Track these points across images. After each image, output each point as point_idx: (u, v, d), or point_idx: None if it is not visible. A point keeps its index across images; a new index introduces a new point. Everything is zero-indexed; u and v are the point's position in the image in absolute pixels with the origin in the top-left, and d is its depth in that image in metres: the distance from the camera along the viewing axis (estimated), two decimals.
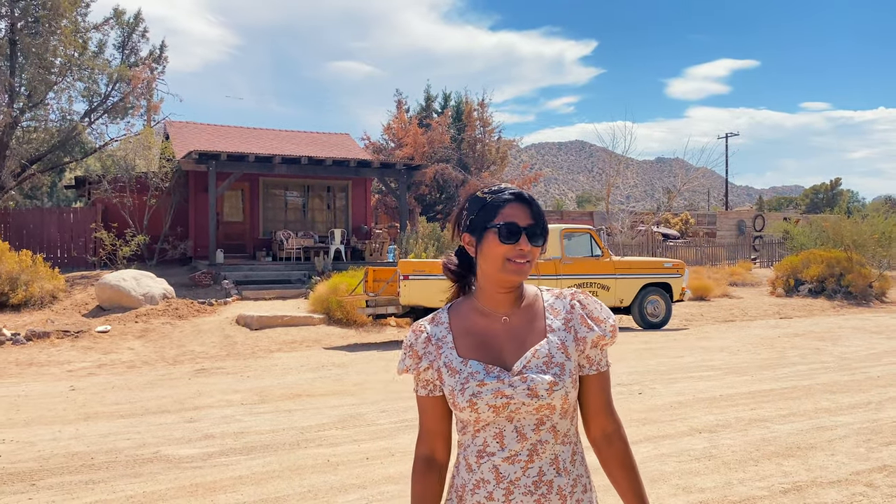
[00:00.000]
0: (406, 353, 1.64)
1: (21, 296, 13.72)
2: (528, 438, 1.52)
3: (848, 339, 11.91)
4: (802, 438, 5.63)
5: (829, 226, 22.11)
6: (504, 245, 1.54)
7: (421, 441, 1.65)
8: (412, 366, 1.63)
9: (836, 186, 76.31)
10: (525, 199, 1.59)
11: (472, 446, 1.56)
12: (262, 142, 23.07)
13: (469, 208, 1.62)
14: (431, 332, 1.63)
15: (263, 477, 4.89)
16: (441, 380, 1.59)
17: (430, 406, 1.63)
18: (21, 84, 18.86)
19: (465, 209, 1.64)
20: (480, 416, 1.53)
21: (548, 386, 1.51)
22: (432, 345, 1.62)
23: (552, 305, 1.63)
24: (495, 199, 1.59)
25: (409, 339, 1.65)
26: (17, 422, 6.75)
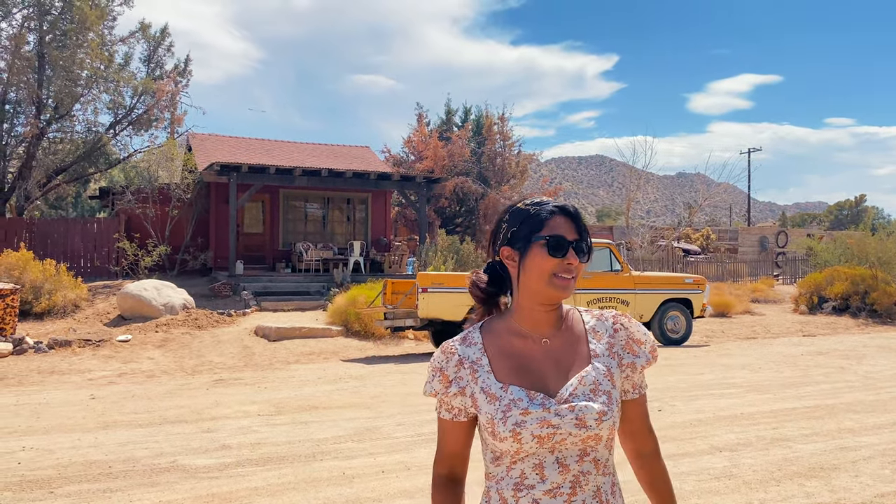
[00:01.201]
0: (434, 375, 1.52)
1: (44, 304, 13.89)
2: (570, 470, 1.44)
3: (873, 357, 11.71)
4: (825, 459, 5.52)
5: (854, 243, 21.82)
6: (552, 259, 1.47)
7: (440, 462, 1.56)
8: (441, 390, 1.51)
9: (860, 203, 75.40)
10: (570, 212, 1.52)
11: (507, 479, 1.46)
12: (283, 154, 23.27)
13: (510, 220, 1.53)
14: (463, 353, 1.51)
15: (279, 488, 4.88)
16: (476, 406, 1.48)
17: (453, 430, 1.53)
18: (48, 96, 19.21)
19: (504, 221, 1.54)
20: (522, 447, 1.43)
21: (597, 416, 1.43)
22: (465, 368, 1.50)
23: (594, 328, 1.56)
24: (540, 211, 1.51)
25: (439, 362, 1.52)
26: (37, 429, 6.80)
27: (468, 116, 32.66)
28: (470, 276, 1.60)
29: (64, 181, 21.31)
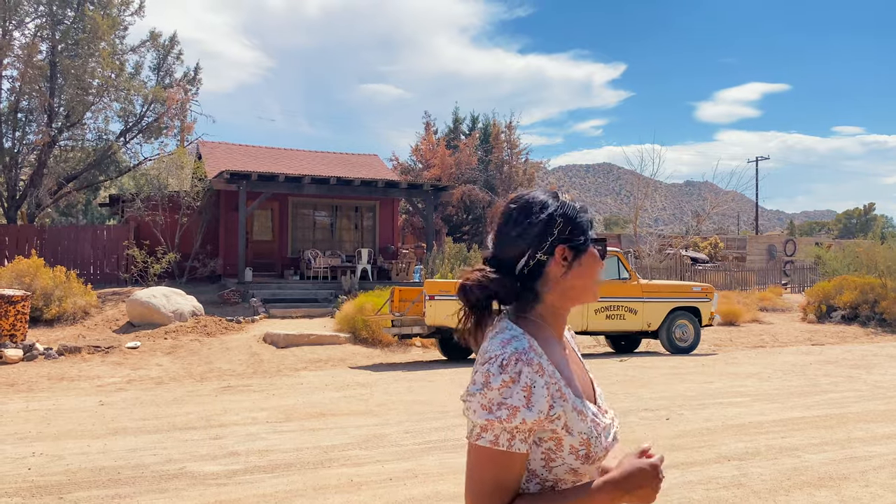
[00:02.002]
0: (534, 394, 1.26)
1: (54, 311, 13.98)
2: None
3: (883, 367, 11.64)
4: (835, 468, 5.50)
5: (863, 251, 21.73)
6: (601, 262, 1.43)
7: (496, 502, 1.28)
8: (546, 411, 1.27)
9: (869, 211, 75.10)
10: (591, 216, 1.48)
11: None
12: (292, 162, 23.38)
13: (564, 219, 1.38)
14: (548, 367, 1.30)
15: (287, 495, 4.90)
16: (567, 427, 1.30)
17: (522, 462, 1.28)
18: (60, 104, 19.38)
19: (558, 217, 1.38)
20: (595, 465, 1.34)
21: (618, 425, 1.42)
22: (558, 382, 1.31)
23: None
24: (586, 213, 1.44)
25: (530, 378, 1.26)
26: (47, 435, 6.85)
27: (476, 125, 32.75)
28: (470, 273, 1.39)
29: (75, 189, 21.47)
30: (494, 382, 1.25)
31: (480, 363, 1.30)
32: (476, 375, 1.29)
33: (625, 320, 13.30)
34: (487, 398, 1.25)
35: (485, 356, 1.30)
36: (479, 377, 1.28)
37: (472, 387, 1.28)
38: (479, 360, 1.31)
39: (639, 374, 10.76)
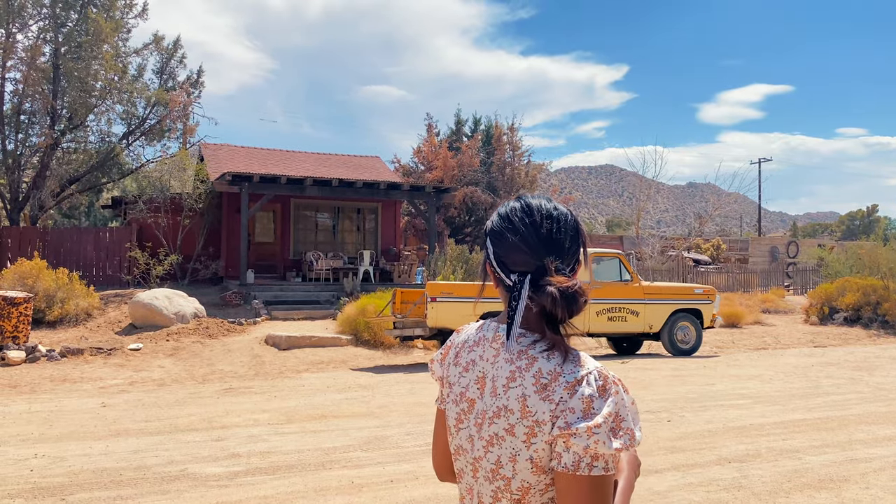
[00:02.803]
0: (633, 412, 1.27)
1: (57, 313, 14.01)
2: None
3: (885, 368, 11.63)
4: (836, 470, 5.50)
5: (865, 253, 21.71)
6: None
7: None
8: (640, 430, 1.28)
9: (872, 213, 75.04)
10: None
11: None
12: (294, 164, 23.41)
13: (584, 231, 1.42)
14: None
15: (288, 497, 4.91)
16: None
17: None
18: (63, 107, 19.43)
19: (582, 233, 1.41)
20: None
21: None
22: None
23: None
24: None
25: (624, 395, 1.26)
26: (49, 437, 6.87)
27: (478, 127, 32.76)
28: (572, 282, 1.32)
29: (77, 191, 21.53)
30: (606, 408, 1.22)
31: (563, 387, 1.24)
32: (567, 402, 1.23)
33: (626, 322, 13.30)
34: (608, 426, 1.21)
35: (561, 378, 1.25)
36: (576, 404, 1.22)
37: (571, 416, 1.22)
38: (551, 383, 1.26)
39: (640, 375, 10.76)
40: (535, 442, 1.25)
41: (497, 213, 1.42)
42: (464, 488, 1.40)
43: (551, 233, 1.34)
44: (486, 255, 1.41)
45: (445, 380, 1.45)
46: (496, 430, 1.30)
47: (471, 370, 1.38)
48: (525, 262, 1.33)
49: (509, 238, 1.35)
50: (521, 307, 1.29)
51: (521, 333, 1.32)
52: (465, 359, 1.41)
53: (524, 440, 1.26)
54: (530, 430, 1.25)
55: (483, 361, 1.37)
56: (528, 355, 1.29)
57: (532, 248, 1.33)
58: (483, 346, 1.38)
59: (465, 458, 1.37)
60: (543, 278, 1.29)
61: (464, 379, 1.39)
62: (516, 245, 1.34)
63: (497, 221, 1.40)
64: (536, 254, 1.32)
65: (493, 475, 1.30)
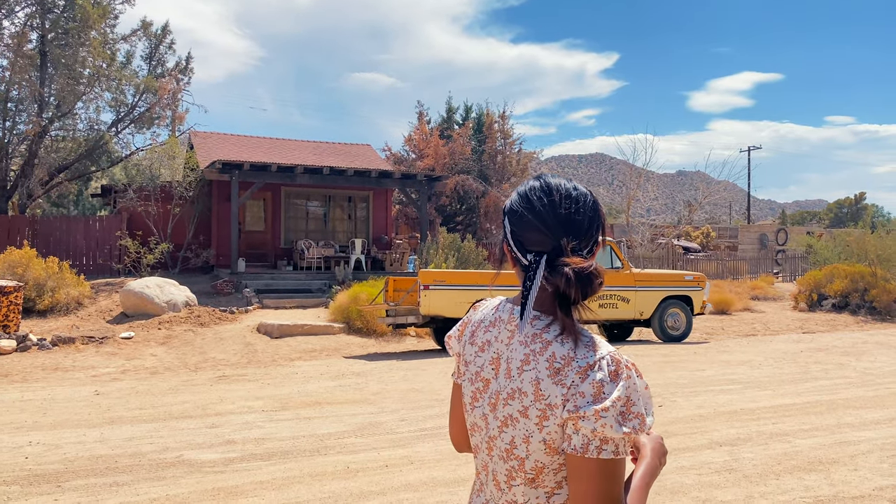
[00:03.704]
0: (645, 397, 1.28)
1: (47, 302, 13.95)
2: None
3: (872, 354, 11.76)
4: (825, 453, 5.58)
5: (853, 240, 21.88)
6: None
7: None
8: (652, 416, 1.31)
9: (860, 201, 75.46)
10: None
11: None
12: (285, 152, 23.32)
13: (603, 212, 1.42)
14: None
15: (284, 482, 4.94)
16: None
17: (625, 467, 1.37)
18: (50, 94, 19.25)
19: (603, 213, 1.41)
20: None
21: None
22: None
23: None
24: None
25: (637, 380, 1.27)
26: (43, 424, 6.86)
27: (469, 114, 32.68)
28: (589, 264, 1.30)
29: (66, 179, 21.37)
30: (616, 392, 1.22)
31: (575, 372, 1.25)
32: (579, 386, 1.24)
33: (617, 309, 13.38)
34: (617, 410, 1.21)
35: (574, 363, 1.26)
36: (587, 388, 1.23)
37: (581, 400, 1.23)
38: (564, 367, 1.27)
39: None
40: (548, 424, 1.27)
41: (516, 191, 1.42)
42: (479, 464, 1.43)
43: (570, 213, 1.34)
44: (504, 234, 1.41)
45: (462, 356, 1.47)
46: (510, 412, 1.31)
47: (486, 350, 1.39)
48: (542, 241, 1.33)
49: (527, 217, 1.35)
50: (536, 287, 1.29)
51: (536, 316, 1.33)
52: (480, 339, 1.42)
53: (537, 422, 1.28)
54: (543, 413, 1.27)
55: (498, 343, 1.38)
56: (542, 339, 1.30)
57: (550, 228, 1.33)
58: (499, 327, 1.39)
59: (480, 435, 1.40)
60: (559, 259, 1.29)
61: (479, 359, 1.40)
62: (534, 224, 1.34)
63: (516, 200, 1.39)
64: (554, 234, 1.32)
65: (508, 455, 1.33)
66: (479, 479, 1.44)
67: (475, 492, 1.46)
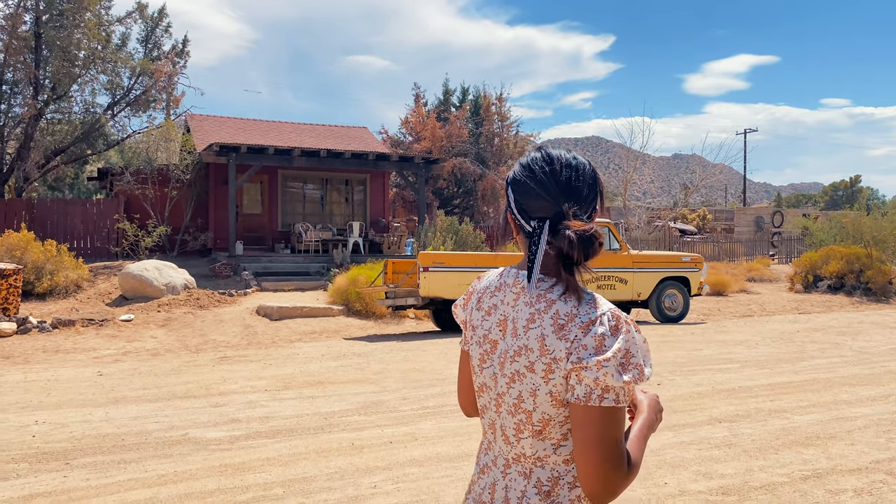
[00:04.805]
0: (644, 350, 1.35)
1: (46, 285, 13.96)
2: None
3: (867, 333, 11.87)
4: (822, 429, 5.67)
5: (849, 222, 21.97)
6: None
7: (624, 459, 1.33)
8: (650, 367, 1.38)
9: (855, 183, 75.65)
10: None
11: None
12: (281, 135, 23.25)
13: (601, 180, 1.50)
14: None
15: (290, 459, 5.00)
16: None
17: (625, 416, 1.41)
18: (45, 77, 19.13)
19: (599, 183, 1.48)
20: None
21: None
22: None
23: None
24: None
25: (636, 335, 1.35)
26: (48, 405, 6.91)
27: (466, 97, 32.60)
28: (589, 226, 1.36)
29: (62, 162, 21.29)
30: (616, 344, 1.30)
31: (578, 327, 1.32)
32: (581, 339, 1.31)
33: (615, 290, 13.45)
34: (617, 360, 1.29)
35: (577, 319, 1.33)
36: (590, 341, 1.30)
37: (582, 352, 1.30)
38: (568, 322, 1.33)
39: None
40: (553, 377, 1.34)
41: (518, 162, 1.48)
42: (486, 423, 1.50)
43: (570, 180, 1.41)
44: (508, 204, 1.48)
45: (469, 323, 1.53)
46: (517, 368, 1.38)
47: (493, 314, 1.46)
48: (544, 208, 1.39)
49: (530, 185, 1.41)
50: (541, 251, 1.36)
51: (540, 278, 1.39)
52: (486, 303, 1.49)
53: (543, 376, 1.35)
54: (548, 367, 1.34)
55: (504, 305, 1.44)
56: (547, 298, 1.37)
57: (551, 195, 1.39)
58: (504, 291, 1.46)
59: (488, 395, 1.46)
60: (562, 223, 1.36)
61: (486, 322, 1.47)
62: (536, 192, 1.40)
63: (518, 170, 1.45)
64: (556, 200, 1.39)
65: (516, 409, 1.40)
66: (487, 439, 1.51)
67: (483, 451, 1.53)
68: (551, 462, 1.39)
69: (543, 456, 1.39)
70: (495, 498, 1.44)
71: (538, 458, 1.39)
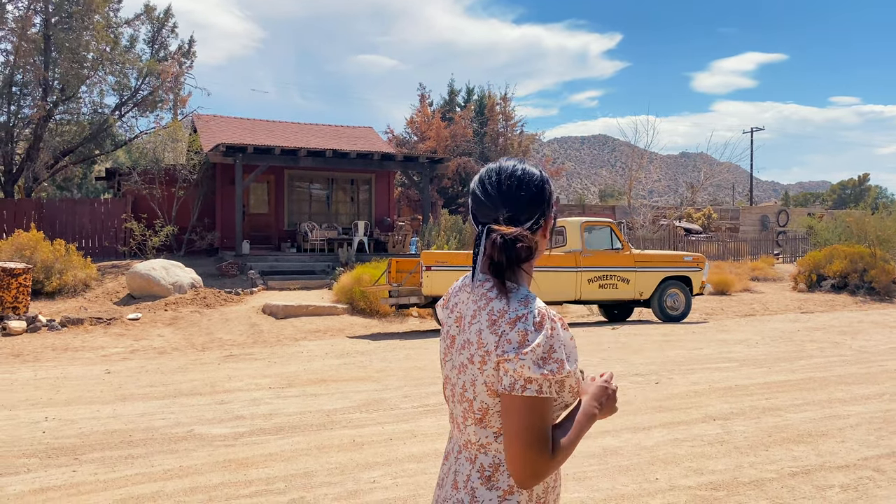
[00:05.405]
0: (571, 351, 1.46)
1: (55, 284, 14.16)
2: None
3: (868, 333, 11.94)
4: (814, 426, 5.77)
5: (853, 221, 21.97)
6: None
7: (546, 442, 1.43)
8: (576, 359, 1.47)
9: (864, 182, 75.36)
10: None
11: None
12: (287, 135, 23.42)
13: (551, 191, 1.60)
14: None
15: (293, 454, 5.14)
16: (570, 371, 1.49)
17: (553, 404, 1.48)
18: (54, 78, 19.35)
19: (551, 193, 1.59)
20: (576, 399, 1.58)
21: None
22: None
23: None
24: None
25: (561, 333, 1.45)
26: (57, 401, 7.08)
27: (471, 97, 32.71)
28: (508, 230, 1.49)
29: (71, 162, 21.52)
30: (537, 339, 1.41)
31: (506, 322, 1.44)
32: (508, 334, 1.43)
33: (617, 289, 13.55)
34: (536, 354, 1.40)
35: (507, 315, 1.44)
36: (514, 335, 1.42)
37: (506, 345, 1.42)
38: (500, 318, 1.45)
39: (630, 341, 11.03)
40: (486, 368, 1.47)
41: (477, 174, 1.65)
42: (449, 414, 1.65)
43: (510, 189, 1.54)
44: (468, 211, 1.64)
45: (443, 322, 1.69)
46: (462, 360, 1.53)
47: (454, 311, 1.62)
48: (487, 215, 1.54)
49: (478, 194, 1.57)
50: (480, 253, 1.53)
51: (487, 278, 1.53)
52: (451, 302, 1.65)
53: (479, 367, 1.48)
54: (483, 359, 1.47)
55: (462, 304, 1.59)
56: (487, 296, 1.51)
57: (493, 203, 1.54)
58: (463, 290, 1.61)
59: (449, 386, 1.61)
60: (492, 227, 1.50)
61: (450, 319, 1.62)
62: (482, 200, 1.56)
63: (474, 181, 1.62)
64: (495, 207, 1.53)
65: (462, 398, 1.54)
66: (450, 429, 1.66)
67: (449, 440, 1.67)
68: (493, 449, 1.51)
69: (486, 443, 1.52)
70: (446, 482, 1.58)
71: (482, 445, 1.51)
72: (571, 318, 15.07)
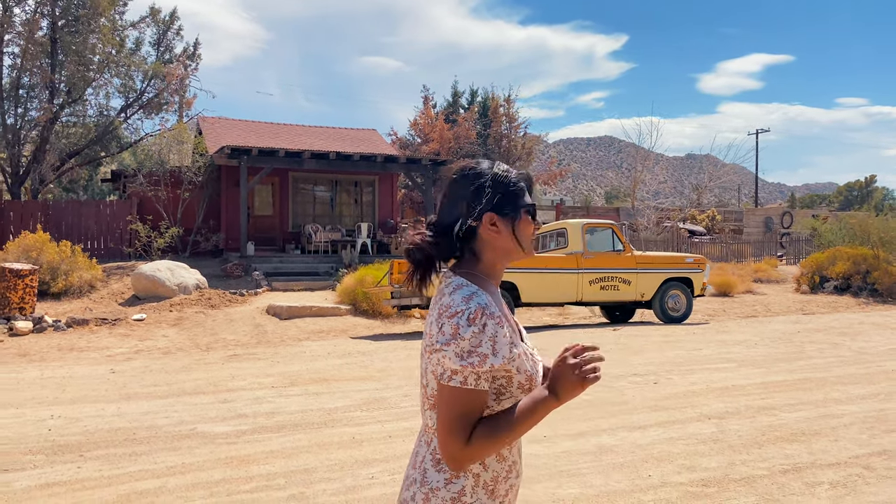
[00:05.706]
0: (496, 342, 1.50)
1: (61, 285, 14.30)
2: None
3: (868, 334, 11.97)
4: (808, 425, 5.83)
5: (857, 223, 21.97)
6: (532, 225, 1.65)
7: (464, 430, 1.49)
8: (506, 355, 1.52)
9: (870, 183, 75.24)
10: (532, 181, 1.70)
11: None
12: (292, 137, 23.56)
13: (493, 188, 1.61)
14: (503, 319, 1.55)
15: (293, 452, 5.24)
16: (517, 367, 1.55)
17: (485, 397, 1.52)
18: (61, 80, 19.54)
19: (486, 187, 1.61)
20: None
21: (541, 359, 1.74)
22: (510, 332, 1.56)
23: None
24: (520, 180, 1.66)
25: (493, 329, 1.51)
26: (63, 400, 7.19)
27: (474, 98, 32.82)
28: (413, 236, 1.65)
29: (77, 164, 21.71)
30: (465, 333, 1.48)
31: (447, 316, 1.50)
32: (444, 327, 1.50)
33: (619, 291, 13.62)
34: (460, 347, 1.47)
35: (450, 310, 1.51)
36: (448, 328, 1.49)
37: (440, 337, 1.49)
38: (443, 312, 1.52)
39: (631, 342, 11.09)
40: (431, 358, 1.54)
41: None
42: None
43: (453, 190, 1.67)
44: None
45: None
46: (422, 349, 1.63)
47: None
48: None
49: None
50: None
51: (447, 274, 1.63)
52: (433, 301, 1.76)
53: (427, 356, 1.56)
54: (428, 349, 1.55)
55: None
56: (442, 292, 1.59)
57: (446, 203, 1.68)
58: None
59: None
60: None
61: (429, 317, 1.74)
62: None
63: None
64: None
65: (420, 385, 1.64)
66: None
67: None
68: None
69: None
70: (410, 460, 1.67)
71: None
72: (573, 320, 15.14)
